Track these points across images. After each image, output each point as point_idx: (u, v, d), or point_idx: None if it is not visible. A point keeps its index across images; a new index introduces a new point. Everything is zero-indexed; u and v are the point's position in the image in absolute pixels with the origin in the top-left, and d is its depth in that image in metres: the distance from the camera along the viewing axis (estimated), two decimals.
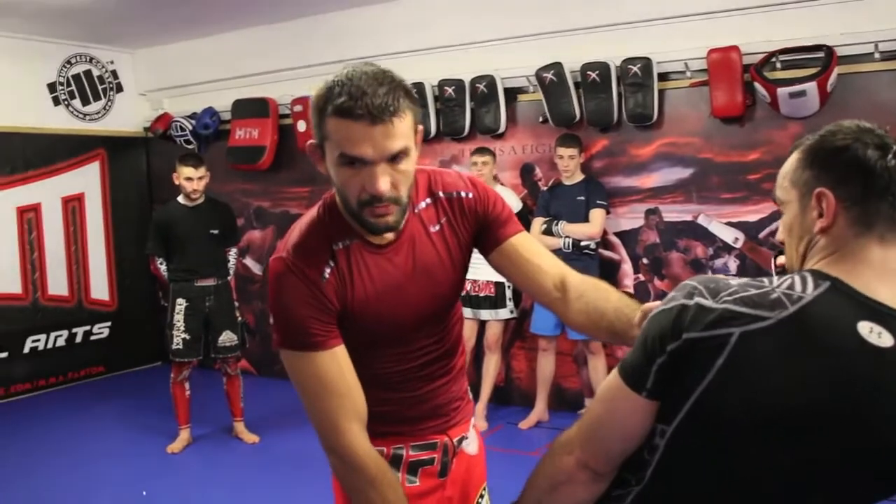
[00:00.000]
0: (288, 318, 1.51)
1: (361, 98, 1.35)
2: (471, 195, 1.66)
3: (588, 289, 1.63)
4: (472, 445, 1.88)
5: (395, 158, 1.41)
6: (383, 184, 1.40)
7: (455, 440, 1.80)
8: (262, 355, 6.67)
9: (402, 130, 1.40)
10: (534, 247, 1.71)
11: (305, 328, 1.49)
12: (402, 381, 1.68)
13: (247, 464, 4.70)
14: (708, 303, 1.09)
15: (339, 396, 1.51)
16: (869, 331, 1.06)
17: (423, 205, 1.62)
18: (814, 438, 1.06)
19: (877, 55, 4.30)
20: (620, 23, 4.98)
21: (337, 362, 1.51)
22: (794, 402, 1.05)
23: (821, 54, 4.34)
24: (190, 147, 6.61)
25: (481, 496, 1.89)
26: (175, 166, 4.82)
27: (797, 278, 1.11)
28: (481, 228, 1.67)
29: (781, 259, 1.48)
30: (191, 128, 6.69)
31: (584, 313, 1.60)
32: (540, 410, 5.18)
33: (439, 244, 1.62)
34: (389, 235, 1.57)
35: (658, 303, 1.23)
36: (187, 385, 4.86)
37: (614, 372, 1.20)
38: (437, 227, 1.63)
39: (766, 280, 1.13)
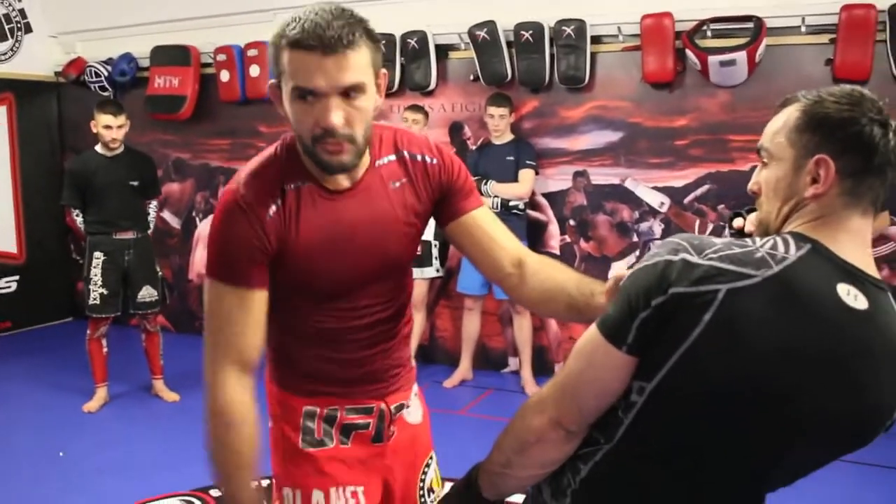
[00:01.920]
0: (221, 248, 1.50)
1: (314, 30, 1.33)
2: (435, 161, 1.62)
3: (546, 266, 1.63)
4: (413, 414, 1.84)
5: (349, 94, 1.38)
6: (335, 117, 1.37)
7: (392, 407, 1.75)
8: (180, 312, 6.51)
9: (358, 64, 1.37)
10: (494, 223, 1.68)
11: (234, 262, 1.48)
12: (341, 340, 1.63)
13: (167, 422, 4.58)
14: (693, 258, 1.10)
15: (234, 335, 1.49)
16: (846, 293, 1.10)
17: (385, 160, 1.58)
18: (795, 398, 1.09)
19: (803, 28, 4.40)
20: None
21: (249, 304, 1.49)
22: (781, 360, 1.07)
23: (750, 25, 4.41)
24: (105, 94, 6.29)
25: (427, 465, 1.85)
26: (92, 114, 4.61)
27: (779, 240, 1.14)
28: (442, 198, 1.64)
29: (739, 222, 1.48)
30: (106, 74, 6.35)
31: (541, 289, 1.60)
32: (464, 369, 5.22)
33: (396, 202, 1.58)
34: (345, 182, 1.53)
35: (627, 271, 1.22)
36: (104, 342, 4.70)
37: (592, 327, 1.19)
38: (398, 185, 1.58)
39: (748, 240, 1.15)
